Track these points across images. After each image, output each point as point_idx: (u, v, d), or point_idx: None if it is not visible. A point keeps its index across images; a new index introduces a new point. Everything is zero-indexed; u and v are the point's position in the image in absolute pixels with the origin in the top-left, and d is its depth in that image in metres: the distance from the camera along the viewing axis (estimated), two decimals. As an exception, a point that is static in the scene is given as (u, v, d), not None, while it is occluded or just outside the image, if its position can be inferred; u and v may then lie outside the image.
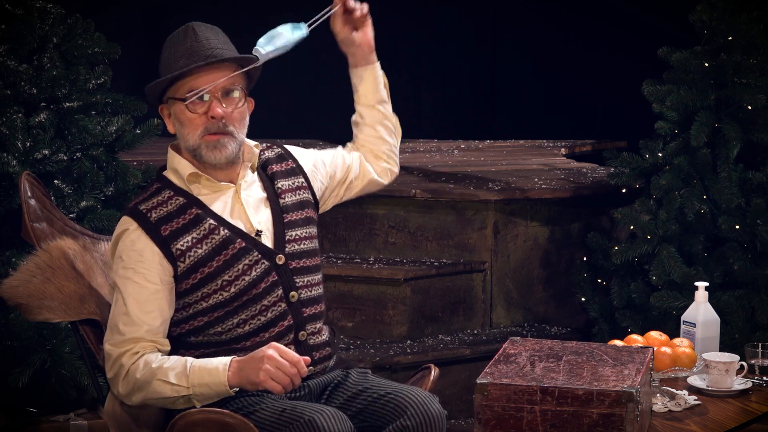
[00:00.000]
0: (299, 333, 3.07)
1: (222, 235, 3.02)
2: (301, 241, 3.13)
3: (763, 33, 4.68)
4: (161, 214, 3.02)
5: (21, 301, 3.13)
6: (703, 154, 4.64)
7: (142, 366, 2.93)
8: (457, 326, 4.92)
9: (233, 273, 3.01)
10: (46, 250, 3.15)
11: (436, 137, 6.92)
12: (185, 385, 2.91)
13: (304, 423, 2.85)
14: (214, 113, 3.00)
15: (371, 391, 3.06)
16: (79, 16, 4.42)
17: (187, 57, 3.00)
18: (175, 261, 2.98)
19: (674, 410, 3.24)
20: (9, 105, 4.21)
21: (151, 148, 5.16)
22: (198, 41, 3.03)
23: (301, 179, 3.21)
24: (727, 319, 4.45)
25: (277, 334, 3.04)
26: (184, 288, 3.00)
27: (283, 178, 3.18)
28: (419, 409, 2.96)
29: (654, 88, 4.76)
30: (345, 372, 3.17)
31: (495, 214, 4.97)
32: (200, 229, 3.02)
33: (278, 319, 3.05)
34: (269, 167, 3.18)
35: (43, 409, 4.35)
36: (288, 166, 3.22)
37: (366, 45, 3.34)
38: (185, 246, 2.99)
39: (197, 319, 3.03)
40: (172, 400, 2.93)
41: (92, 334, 3.15)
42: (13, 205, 4.15)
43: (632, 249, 4.74)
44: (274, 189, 3.15)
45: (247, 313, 3.02)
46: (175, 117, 3.06)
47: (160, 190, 3.09)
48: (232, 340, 3.03)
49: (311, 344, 3.10)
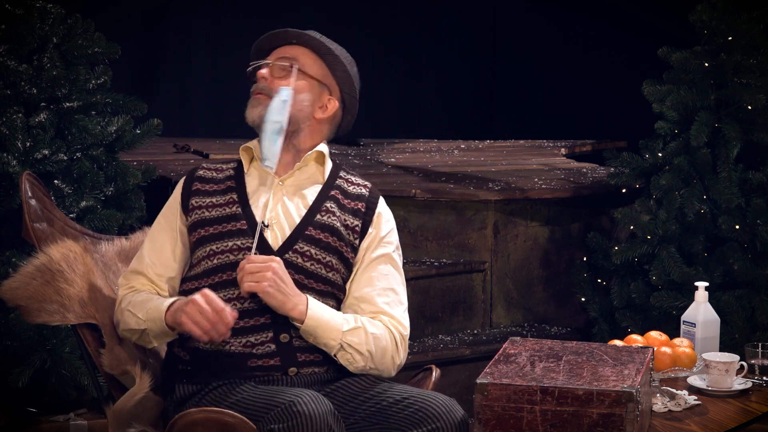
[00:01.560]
0: (281, 335, 3.04)
1: (233, 210, 3.11)
2: (308, 258, 3.08)
3: (763, 33, 4.68)
4: (206, 175, 3.18)
5: (21, 303, 3.13)
6: (703, 154, 4.64)
7: (128, 297, 3.11)
8: (457, 326, 4.92)
9: (221, 246, 3.07)
10: (45, 252, 3.15)
11: (436, 137, 6.92)
12: (143, 319, 3.05)
13: (284, 407, 2.80)
14: (259, 73, 3.14)
15: (386, 394, 3.00)
16: (79, 16, 4.42)
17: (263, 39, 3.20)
18: (188, 213, 3.14)
19: (674, 410, 3.24)
20: (9, 105, 4.21)
21: (151, 148, 5.17)
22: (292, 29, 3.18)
23: (358, 224, 3.15)
24: (727, 319, 4.46)
25: (252, 327, 3.03)
26: (191, 239, 3.13)
27: (339, 207, 3.15)
28: (444, 413, 2.92)
29: (654, 88, 4.76)
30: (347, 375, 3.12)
31: (495, 214, 4.97)
32: (222, 198, 3.13)
33: (254, 314, 3.04)
34: (335, 189, 3.17)
35: (43, 409, 4.35)
36: (357, 206, 3.17)
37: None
38: (199, 204, 3.13)
39: (188, 282, 3.11)
40: (137, 333, 3.09)
41: (91, 337, 3.15)
42: (13, 205, 4.15)
43: (632, 249, 4.74)
44: (322, 204, 3.13)
45: (226, 293, 3.04)
46: None
47: (229, 161, 3.24)
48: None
49: (295, 346, 3.05)
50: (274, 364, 3.03)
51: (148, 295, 3.11)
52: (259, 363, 3.02)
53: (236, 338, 3.02)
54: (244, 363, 3.02)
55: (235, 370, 3.02)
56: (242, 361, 3.02)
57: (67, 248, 3.16)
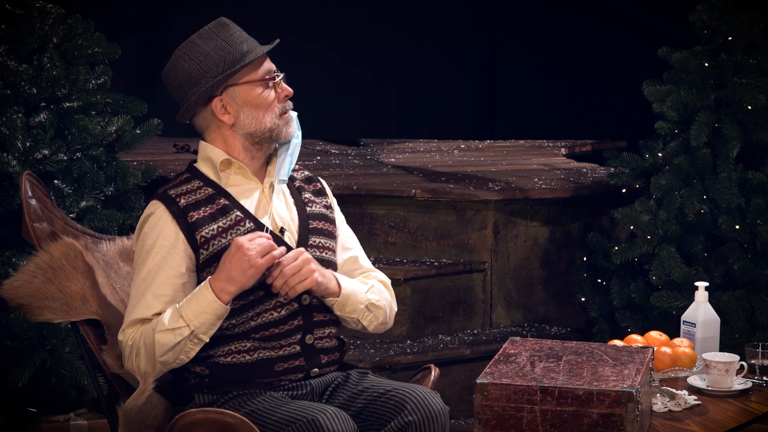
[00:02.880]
0: (306, 336, 3.09)
1: (247, 227, 3.05)
2: (323, 249, 3.15)
3: (763, 33, 4.68)
4: (190, 201, 3.05)
5: (22, 301, 3.13)
6: (703, 154, 4.64)
7: (141, 333, 2.97)
8: (457, 326, 4.92)
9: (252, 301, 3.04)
10: (46, 250, 3.15)
11: (436, 137, 6.92)
12: (183, 324, 2.93)
13: (306, 422, 2.85)
14: (289, 92, 3.12)
15: (371, 390, 3.06)
16: (79, 16, 4.42)
17: (248, 42, 3.10)
18: (198, 248, 3.01)
19: (674, 410, 3.24)
20: (9, 105, 4.21)
21: (151, 148, 5.16)
22: (241, 30, 3.12)
23: (328, 201, 3.26)
24: (727, 319, 4.45)
25: (286, 332, 3.05)
26: (205, 276, 3.00)
27: (310, 192, 3.23)
28: (420, 404, 2.96)
29: (654, 88, 4.76)
30: (345, 373, 3.18)
31: (495, 214, 4.97)
32: (226, 220, 3.04)
33: (289, 318, 3.06)
34: (296, 181, 3.22)
35: (43, 409, 4.35)
36: (316, 187, 3.26)
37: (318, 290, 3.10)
38: (210, 234, 3.02)
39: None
40: (180, 345, 2.94)
41: (93, 334, 3.15)
42: (13, 205, 4.15)
43: (632, 249, 4.74)
44: (301, 198, 3.19)
45: (262, 307, 3.04)
46: (243, 103, 3.07)
47: (190, 179, 3.11)
48: (242, 335, 3.03)
49: (318, 347, 3.11)
50: (299, 365, 3.07)
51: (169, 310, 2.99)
52: (285, 366, 3.05)
53: (265, 343, 3.04)
54: (271, 368, 3.04)
55: (261, 375, 3.04)
56: (269, 366, 3.04)
57: (67, 246, 3.16)
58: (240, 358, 3.04)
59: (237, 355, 3.03)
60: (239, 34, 3.10)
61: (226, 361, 3.04)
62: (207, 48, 3.07)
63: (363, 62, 7.04)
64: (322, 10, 6.96)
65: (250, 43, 3.10)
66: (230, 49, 3.06)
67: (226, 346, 3.04)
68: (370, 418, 3.03)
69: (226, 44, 3.07)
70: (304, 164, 5.31)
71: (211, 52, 3.07)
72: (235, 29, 3.11)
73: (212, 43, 3.08)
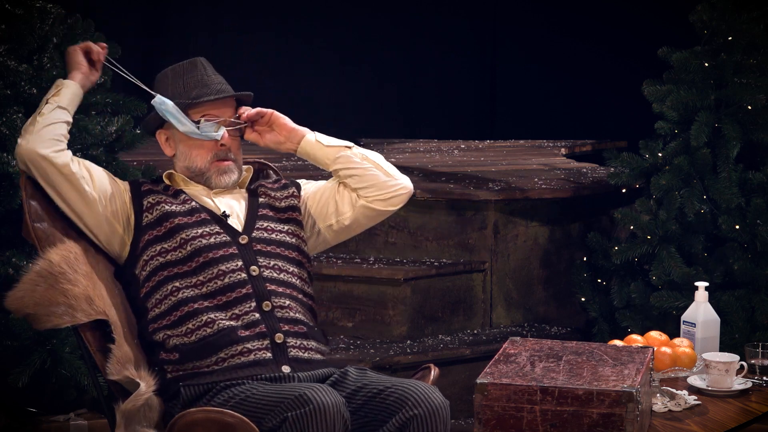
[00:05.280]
0: (263, 303, 3.16)
1: (192, 205, 3.26)
2: (274, 232, 3.29)
3: (763, 33, 4.68)
4: (149, 186, 3.30)
5: (29, 311, 3.13)
6: (703, 154, 4.64)
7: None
8: (457, 326, 4.92)
9: (191, 233, 3.20)
10: (45, 257, 3.14)
11: (436, 137, 6.92)
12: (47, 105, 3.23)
13: (294, 399, 2.88)
14: (225, 141, 3.29)
15: (371, 386, 3.07)
16: (79, 16, 4.42)
17: (200, 88, 3.29)
18: (141, 213, 3.22)
19: (674, 410, 3.24)
20: (9, 105, 4.21)
21: (151, 148, 5.14)
22: (207, 75, 3.32)
23: (293, 189, 3.40)
24: (727, 319, 4.45)
25: (235, 300, 3.16)
26: (147, 239, 3.20)
27: (270, 185, 3.39)
28: (422, 399, 2.98)
29: (654, 88, 4.76)
30: (343, 370, 3.18)
31: (495, 214, 4.97)
32: (175, 198, 3.26)
33: (237, 286, 3.16)
34: (259, 182, 3.41)
35: (43, 409, 4.35)
36: (281, 183, 3.42)
37: (285, 137, 3.38)
38: (156, 201, 3.24)
39: (158, 274, 3.18)
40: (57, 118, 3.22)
41: (92, 338, 3.14)
42: (13, 205, 4.14)
43: (632, 249, 4.74)
44: (256, 190, 3.36)
45: (204, 275, 3.17)
46: (179, 141, 3.31)
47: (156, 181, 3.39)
48: (189, 299, 3.14)
49: (278, 316, 3.17)
50: (261, 332, 3.13)
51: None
52: (247, 333, 3.12)
53: (222, 312, 3.14)
54: (235, 334, 3.12)
55: (226, 343, 3.11)
56: (231, 333, 3.12)
57: (66, 249, 3.16)
58: (202, 332, 3.12)
59: (198, 331, 3.12)
60: (201, 78, 3.31)
61: (191, 339, 3.12)
62: (172, 84, 3.32)
63: (363, 62, 7.04)
64: (322, 10, 6.96)
65: (205, 89, 3.29)
66: (182, 90, 3.29)
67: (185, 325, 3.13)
68: (371, 413, 3.04)
69: (182, 85, 3.30)
70: (304, 163, 5.31)
71: (172, 88, 3.31)
72: (203, 73, 3.32)
73: (177, 81, 3.32)
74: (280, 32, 6.96)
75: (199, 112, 3.28)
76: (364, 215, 3.36)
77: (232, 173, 3.31)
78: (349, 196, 3.36)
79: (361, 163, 3.33)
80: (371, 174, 3.33)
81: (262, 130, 3.36)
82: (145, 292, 3.19)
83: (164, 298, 3.16)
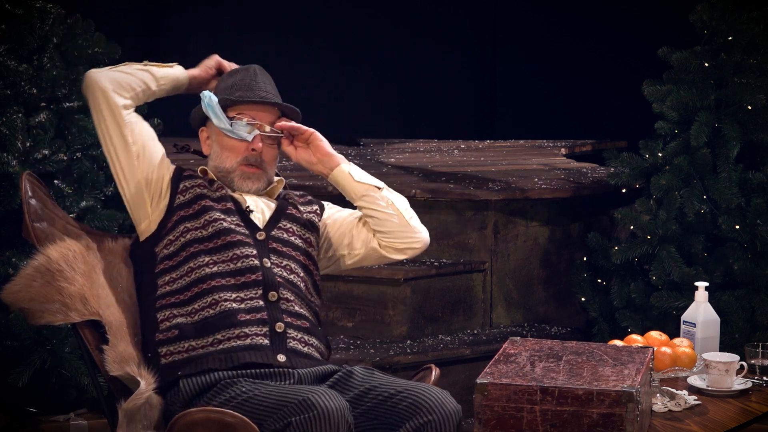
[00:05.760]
0: (269, 293, 3.19)
1: (223, 193, 3.31)
2: (292, 235, 3.32)
3: (763, 33, 4.68)
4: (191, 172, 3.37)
5: (23, 305, 3.14)
6: (703, 154, 4.64)
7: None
8: (457, 326, 4.92)
9: (214, 216, 3.25)
10: (44, 253, 3.15)
11: (436, 137, 6.92)
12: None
13: (298, 403, 2.88)
14: (255, 146, 3.31)
15: (381, 389, 3.06)
16: (79, 16, 4.42)
17: (244, 91, 3.34)
18: (176, 194, 3.28)
19: (674, 410, 3.24)
20: (9, 105, 4.21)
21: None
22: (255, 81, 3.36)
23: (316, 207, 3.46)
24: (727, 319, 4.45)
25: (243, 284, 3.19)
26: (175, 219, 3.25)
27: (297, 197, 3.45)
28: (436, 404, 2.98)
29: (654, 88, 4.76)
30: (348, 369, 3.17)
31: (495, 214, 4.97)
32: (210, 185, 3.32)
33: (248, 271, 3.20)
34: (287, 192, 3.45)
35: (43, 409, 4.35)
36: (307, 198, 3.48)
37: (319, 159, 3.41)
38: (191, 185, 3.30)
39: (185, 249, 3.22)
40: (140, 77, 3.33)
41: (91, 336, 3.15)
42: (13, 205, 4.15)
43: (632, 249, 4.74)
44: (284, 197, 3.41)
45: (219, 256, 3.21)
46: (215, 140, 3.36)
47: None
48: (199, 280, 3.18)
49: (282, 308, 3.19)
50: (262, 318, 3.16)
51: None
52: (247, 317, 3.15)
53: (229, 293, 3.18)
54: (234, 317, 3.15)
55: (225, 325, 3.13)
56: (232, 316, 3.15)
57: (66, 247, 3.16)
58: (205, 313, 3.15)
59: (202, 311, 3.16)
60: (249, 82, 3.36)
61: (193, 319, 3.16)
62: (223, 85, 3.40)
63: (363, 62, 7.04)
64: (322, 10, 6.96)
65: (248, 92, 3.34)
66: (228, 91, 3.35)
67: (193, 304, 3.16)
68: (381, 417, 3.03)
69: (229, 86, 3.36)
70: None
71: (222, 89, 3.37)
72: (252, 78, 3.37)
73: (227, 82, 3.39)
74: (280, 32, 6.97)
75: (236, 111, 3.32)
76: (373, 258, 3.41)
77: (257, 181, 3.35)
78: (366, 234, 3.39)
79: (385, 208, 3.36)
80: (391, 222, 3.36)
81: (298, 146, 3.39)
82: (163, 268, 3.23)
83: (187, 273, 3.20)
